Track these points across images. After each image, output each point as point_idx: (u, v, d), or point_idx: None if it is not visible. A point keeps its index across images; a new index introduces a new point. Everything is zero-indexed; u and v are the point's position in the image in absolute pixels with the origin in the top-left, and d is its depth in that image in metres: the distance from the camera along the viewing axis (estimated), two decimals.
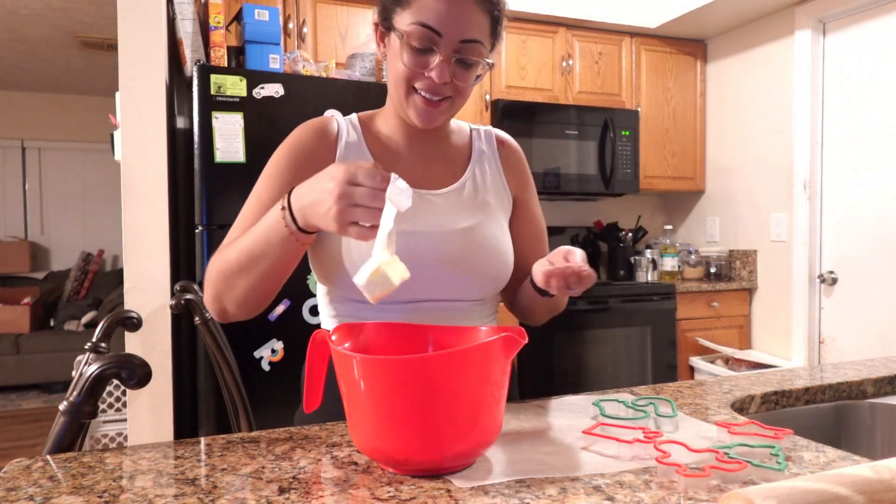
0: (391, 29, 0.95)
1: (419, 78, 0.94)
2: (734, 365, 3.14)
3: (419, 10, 0.91)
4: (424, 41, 0.92)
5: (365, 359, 0.67)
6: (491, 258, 1.02)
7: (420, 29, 0.91)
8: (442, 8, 0.91)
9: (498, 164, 1.12)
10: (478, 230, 1.02)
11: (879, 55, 2.80)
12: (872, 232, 2.83)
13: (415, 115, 0.97)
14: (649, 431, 0.78)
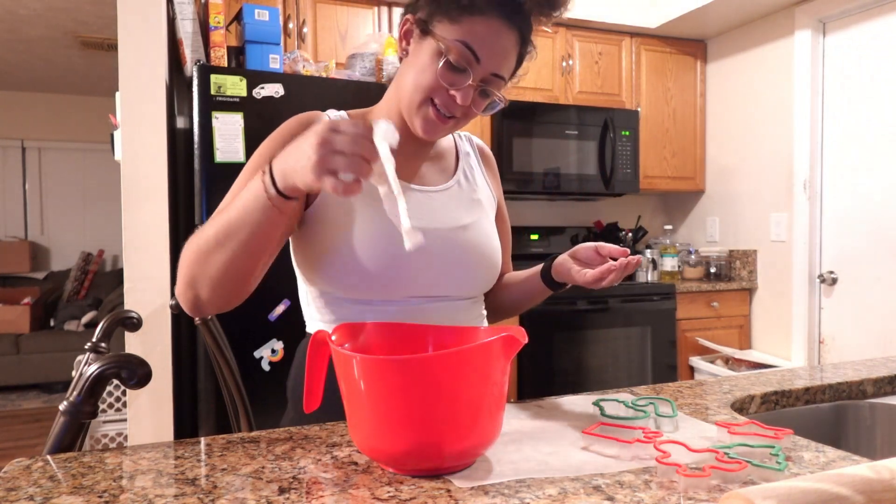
0: (429, 34, 0.93)
1: (440, 92, 0.94)
2: (734, 365, 3.14)
3: (468, 30, 0.91)
4: (462, 61, 0.92)
5: (365, 359, 0.67)
6: (487, 254, 1.04)
7: (464, 49, 0.91)
8: (489, 37, 0.92)
9: (481, 166, 1.15)
10: (476, 227, 1.04)
11: (879, 55, 2.80)
12: (872, 232, 2.83)
13: (420, 125, 0.97)
14: (649, 431, 0.78)
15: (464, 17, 0.91)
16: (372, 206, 0.95)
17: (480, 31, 0.91)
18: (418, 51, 0.96)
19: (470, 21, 0.91)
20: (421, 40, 0.95)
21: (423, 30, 0.94)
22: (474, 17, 0.91)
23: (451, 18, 0.92)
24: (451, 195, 1.05)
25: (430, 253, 0.97)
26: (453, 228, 1.01)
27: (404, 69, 0.99)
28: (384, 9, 2.91)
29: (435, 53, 0.92)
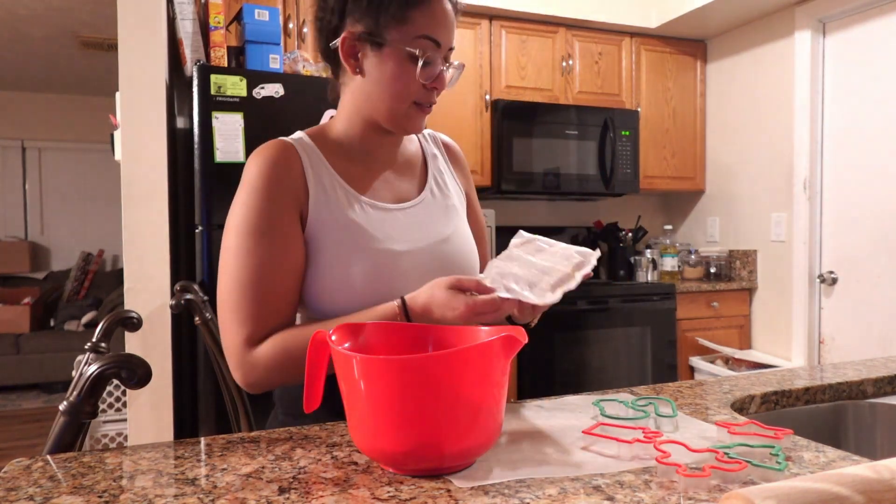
0: (383, 45, 0.92)
1: (421, 90, 0.95)
2: (734, 365, 3.14)
3: (421, 22, 0.92)
4: (431, 56, 0.93)
5: (365, 359, 0.67)
6: (470, 260, 1.06)
7: (428, 43, 0.92)
8: (439, 18, 0.93)
9: (448, 165, 1.14)
10: (456, 236, 1.05)
11: (879, 55, 2.80)
12: (872, 232, 2.83)
13: (411, 125, 0.98)
14: (649, 431, 0.78)
15: (409, 13, 0.91)
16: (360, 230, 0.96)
17: (430, 16, 0.92)
18: (378, 64, 0.94)
19: (416, 12, 0.91)
20: (375, 53, 0.94)
21: (375, 43, 0.93)
22: (417, 8, 0.91)
23: (399, 20, 0.91)
24: (427, 207, 1.05)
25: (417, 270, 0.98)
26: (436, 242, 1.02)
27: (369, 84, 0.96)
28: None
29: (402, 59, 0.92)
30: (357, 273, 0.93)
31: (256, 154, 0.97)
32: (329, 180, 0.97)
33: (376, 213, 0.98)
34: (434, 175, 1.10)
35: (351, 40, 0.94)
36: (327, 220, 0.95)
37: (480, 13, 3.09)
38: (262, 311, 0.90)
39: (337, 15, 0.95)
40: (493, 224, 3.04)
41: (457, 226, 1.06)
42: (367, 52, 0.94)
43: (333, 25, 0.96)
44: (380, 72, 0.94)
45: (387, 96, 0.95)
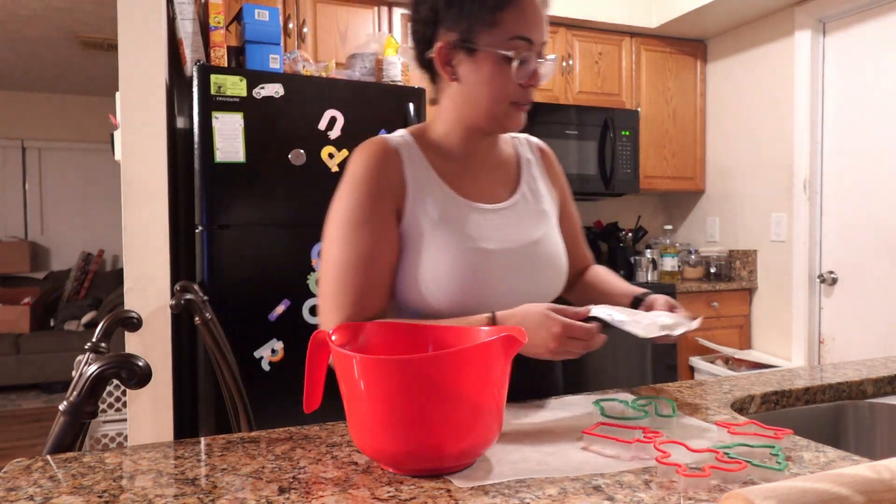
0: (476, 50, 0.95)
1: (519, 90, 0.98)
2: (734, 365, 3.14)
3: (511, 23, 0.93)
4: (524, 53, 0.95)
5: (365, 359, 0.67)
6: (557, 267, 1.07)
7: (521, 43, 0.94)
8: (529, 16, 0.95)
9: (542, 171, 1.16)
10: (546, 241, 1.07)
11: (879, 55, 2.80)
12: (872, 232, 2.83)
13: (512, 124, 1.01)
14: (649, 431, 0.78)
15: (499, 16, 0.93)
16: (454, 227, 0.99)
17: (520, 16, 0.94)
18: (473, 69, 0.97)
19: (506, 14, 0.93)
20: (470, 59, 0.96)
21: (468, 49, 0.96)
22: (506, 10, 0.93)
23: (489, 23, 0.94)
24: (519, 210, 1.07)
25: (507, 269, 1.00)
26: (527, 244, 1.04)
27: (467, 89, 0.99)
28: (384, 9, 2.91)
29: (497, 62, 0.95)
30: (448, 268, 0.96)
31: (360, 150, 1.01)
32: (427, 179, 1.01)
33: (470, 213, 1.01)
34: (527, 179, 1.12)
35: (445, 49, 0.97)
36: (423, 217, 0.98)
37: None
38: (359, 299, 0.94)
39: (430, 25, 0.98)
40: None
41: (547, 231, 1.08)
42: (462, 59, 0.97)
43: (427, 36, 0.99)
44: (476, 77, 0.97)
45: (485, 99, 0.98)
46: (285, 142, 2.20)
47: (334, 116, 2.25)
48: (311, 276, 2.24)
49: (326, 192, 2.30)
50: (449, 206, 1.00)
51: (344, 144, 2.27)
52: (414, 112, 2.35)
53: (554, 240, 1.09)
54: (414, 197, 0.99)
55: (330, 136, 2.26)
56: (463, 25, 0.94)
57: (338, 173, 2.27)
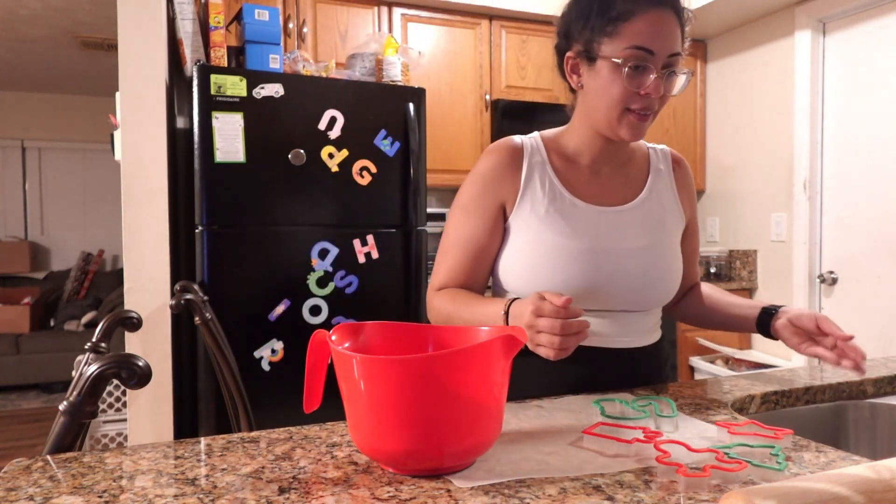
0: (596, 59, 1.00)
1: (633, 98, 0.99)
2: (734, 365, 3.14)
3: (631, 35, 0.97)
4: (640, 62, 0.97)
5: (365, 359, 0.67)
6: (664, 277, 1.09)
7: (636, 52, 0.97)
8: (652, 29, 0.97)
9: (673, 185, 1.17)
10: (655, 249, 1.09)
11: (879, 55, 2.80)
12: (872, 232, 2.83)
13: (626, 133, 1.03)
14: (649, 431, 0.78)
15: (619, 27, 0.97)
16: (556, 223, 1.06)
17: (640, 28, 0.97)
18: (594, 76, 1.02)
19: (626, 26, 0.97)
20: (591, 67, 1.02)
21: (590, 58, 1.01)
22: (627, 21, 0.97)
23: (609, 35, 0.98)
24: (634, 216, 1.10)
25: (607, 272, 1.04)
26: (630, 250, 1.07)
27: (589, 96, 1.05)
28: (384, 9, 2.91)
29: (612, 70, 0.99)
30: (543, 259, 1.04)
31: (490, 148, 1.12)
32: (541, 174, 1.09)
33: (577, 212, 1.07)
34: (651, 188, 1.14)
35: (572, 59, 1.05)
36: (531, 212, 1.07)
37: (480, 13, 3.09)
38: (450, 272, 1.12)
39: (564, 38, 1.06)
40: None
41: (659, 240, 1.10)
42: (585, 68, 1.03)
43: (563, 48, 1.07)
44: (595, 84, 1.02)
45: (601, 106, 1.02)
46: (285, 142, 2.20)
47: (334, 116, 2.25)
48: (310, 276, 2.24)
49: (326, 192, 2.32)
50: (557, 203, 1.07)
51: (344, 144, 2.27)
52: (414, 112, 2.36)
53: (664, 250, 1.10)
54: (525, 193, 1.08)
55: (330, 136, 2.26)
56: (587, 36, 1.01)
57: (338, 173, 2.27)
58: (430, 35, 3.00)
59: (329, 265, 2.26)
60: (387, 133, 2.33)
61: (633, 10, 0.96)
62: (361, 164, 2.30)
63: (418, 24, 2.98)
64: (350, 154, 2.28)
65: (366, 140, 2.31)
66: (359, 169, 2.30)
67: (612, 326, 1.08)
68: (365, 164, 2.30)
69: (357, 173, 2.30)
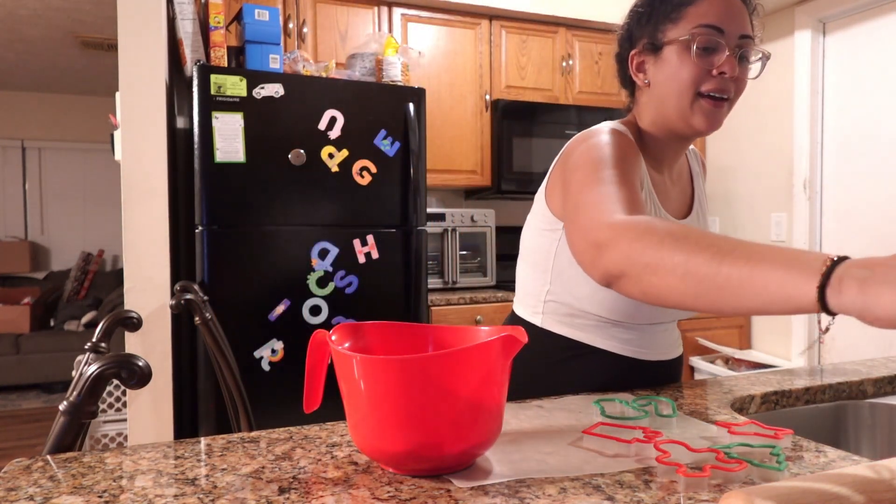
0: (662, 47, 0.97)
1: (706, 80, 0.94)
2: (734, 365, 3.14)
3: (697, 16, 0.93)
4: (710, 42, 0.93)
5: (365, 359, 0.67)
6: None
7: (704, 30, 0.93)
8: (720, 8, 0.93)
9: (703, 185, 1.18)
10: None
11: (879, 55, 2.80)
12: (872, 232, 2.83)
13: (701, 121, 0.96)
14: (649, 431, 0.78)
15: (684, 10, 0.94)
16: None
17: (705, 9, 0.93)
18: (661, 66, 0.98)
19: (691, 9, 0.94)
20: (658, 58, 0.98)
21: (655, 48, 0.98)
22: (692, 4, 0.94)
23: (674, 20, 0.95)
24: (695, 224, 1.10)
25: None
26: None
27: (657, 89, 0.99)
28: (384, 9, 2.91)
29: (681, 52, 0.94)
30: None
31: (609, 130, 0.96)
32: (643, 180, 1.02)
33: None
34: (698, 194, 1.14)
35: (637, 57, 1.01)
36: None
37: (480, 13, 3.09)
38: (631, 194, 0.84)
39: (626, 42, 1.03)
40: (492, 224, 3.04)
41: None
42: (651, 62, 0.99)
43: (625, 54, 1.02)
44: (663, 74, 0.98)
45: (671, 93, 0.96)
46: (285, 142, 2.20)
47: (334, 116, 2.26)
48: (310, 276, 2.24)
49: (326, 192, 2.32)
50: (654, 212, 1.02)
51: (344, 144, 2.27)
52: (414, 112, 2.36)
53: None
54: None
55: (330, 136, 2.26)
56: (651, 27, 0.98)
57: (338, 173, 2.27)
58: (430, 35, 3.00)
59: (329, 265, 2.26)
60: (387, 133, 2.33)
61: None
62: (361, 164, 2.30)
63: (418, 24, 2.98)
64: (350, 154, 2.28)
65: (366, 140, 2.31)
66: (359, 169, 2.30)
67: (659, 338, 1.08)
68: (365, 164, 2.31)
69: (357, 173, 2.30)
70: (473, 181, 3.08)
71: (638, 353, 1.07)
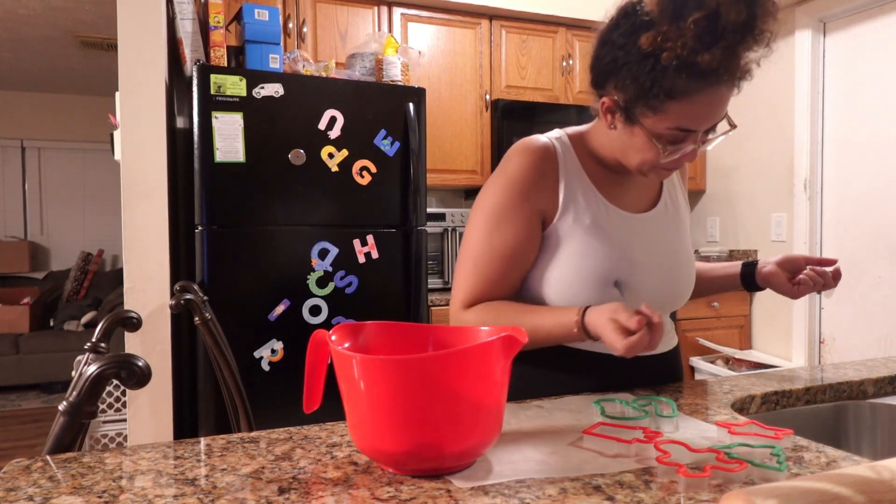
0: (635, 122, 0.94)
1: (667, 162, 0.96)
2: (734, 365, 3.14)
3: (677, 116, 0.90)
4: (681, 137, 0.92)
5: (365, 359, 0.67)
6: (689, 278, 1.11)
7: (679, 133, 0.92)
8: (702, 110, 0.89)
9: (679, 181, 1.18)
10: (682, 252, 1.10)
11: (879, 55, 2.80)
12: (872, 232, 2.83)
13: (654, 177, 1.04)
14: (649, 431, 0.78)
15: (666, 104, 0.89)
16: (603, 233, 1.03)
17: (688, 111, 0.89)
18: (627, 133, 0.96)
19: (675, 105, 0.89)
20: (628, 123, 0.95)
21: (628, 118, 0.94)
22: (677, 99, 0.88)
23: (654, 109, 0.90)
24: (660, 219, 1.10)
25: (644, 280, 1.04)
26: (664, 256, 1.07)
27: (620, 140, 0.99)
28: (384, 9, 2.91)
29: (648, 139, 0.94)
30: (591, 272, 1.01)
31: (521, 150, 1.03)
32: (579, 183, 1.04)
33: (619, 220, 1.05)
34: (668, 188, 1.14)
35: (609, 105, 0.96)
36: (573, 220, 1.02)
37: (480, 13, 3.09)
38: (488, 288, 1.02)
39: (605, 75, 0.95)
40: None
41: (682, 241, 1.11)
42: (620, 119, 0.96)
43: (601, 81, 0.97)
44: (629, 140, 0.97)
45: (631, 157, 0.98)
46: (285, 142, 2.20)
47: (334, 116, 2.25)
48: (310, 276, 2.24)
49: (326, 192, 2.32)
50: (601, 213, 1.04)
51: (344, 144, 2.27)
52: (414, 112, 2.36)
53: (687, 251, 1.12)
54: (566, 201, 1.03)
55: (330, 136, 2.26)
56: (631, 98, 0.92)
57: (338, 173, 2.27)
58: (430, 35, 3.00)
59: (329, 265, 2.26)
60: (387, 133, 2.33)
61: (688, 91, 0.87)
62: (361, 164, 2.30)
63: (418, 23, 2.98)
64: (350, 154, 2.28)
65: (366, 140, 2.31)
66: (359, 169, 2.30)
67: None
68: (365, 164, 2.30)
69: (357, 173, 2.30)
70: (473, 181, 3.08)
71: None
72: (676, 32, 0.84)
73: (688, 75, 0.85)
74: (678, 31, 0.84)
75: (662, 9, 0.85)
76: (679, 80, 0.86)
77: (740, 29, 0.83)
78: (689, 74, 0.85)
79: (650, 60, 0.87)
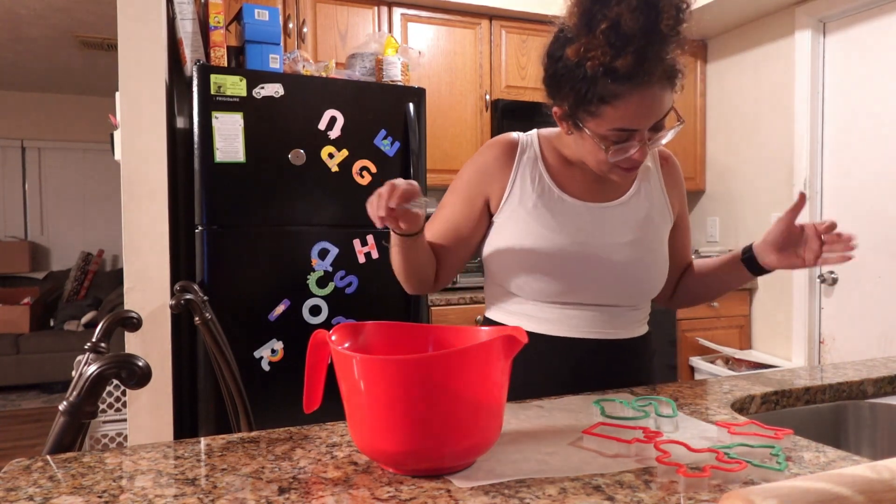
0: (580, 128, 0.99)
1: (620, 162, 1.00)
2: (734, 365, 3.14)
3: (613, 118, 0.94)
4: (623, 137, 0.96)
5: (365, 359, 0.67)
6: (649, 272, 1.11)
7: (619, 133, 0.96)
8: (636, 110, 0.94)
9: (661, 182, 1.18)
10: (640, 244, 1.10)
11: (879, 55, 2.80)
12: (872, 232, 2.83)
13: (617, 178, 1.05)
14: (649, 431, 0.78)
15: (601, 108, 0.94)
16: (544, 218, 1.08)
17: (622, 112, 0.94)
18: (580, 136, 1.02)
19: (609, 109, 0.94)
20: (576, 130, 1.02)
21: (574, 124, 1.01)
22: (611, 103, 0.93)
23: (592, 114, 0.96)
24: (621, 212, 1.11)
25: (593, 266, 1.07)
26: (616, 245, 1.08)
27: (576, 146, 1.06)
28: (384, 9, 2.91)
29: (595, 143, 0.99)
30: (529, 251, 1.07)
31: (490, 142, 1.16)
32: (533, 172, 1.11)
33: (565, 207, 1.10)
34: (641, 185, 1.15)
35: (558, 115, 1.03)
36: (518, 203, 1.10)
37: (480, 13, 3.09)
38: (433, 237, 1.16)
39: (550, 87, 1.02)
40: None
41: (644, 236, 1.11)
42: (571, 127, 1.03)
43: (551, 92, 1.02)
44: (581, 145, 1.03)
45: (588, 162, 1.05)
46: (285, 142, 2.20)
47: (334, 116, 2.26)
48: (310, 276, 2.24)
49: (326, 192, 2.32)
50: (545, 198, 1.10)
51: (344, 144, 2.27)
52: (414, 112, 2.36)
53: (649, 246, 1.11)
54: (514, 188, 1.11)
55: (330, 136, 2.26)
56: (571, 102, 0.98)
57: (338, 173, 2.27)
58: (430, 35, 3.00)
59: (329, 265, 2.26)
60: (387, 133, 2.33)
61: (617, 94, 0.92)
62: (361, 164, 2.30)
63: (418, 23, 2.98)
64: (350, 154, 2.28)
65: (366, 140, 2.31)
66: (359, 169, 2.30)
67: (599, 319, 1.10)
68: (365, 164, 2.30)
69: (357, 173, 2.30)
70: None
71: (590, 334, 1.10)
72: (594, 42, 0.90)
73: (612, 80, 0.91)
74: (595, 40, 0.90)
75: (576, 22, 0.92)
76: (607, 85, 0.92)
77: (643, 34, 0.88)
78: (613, 79, 0.91)
79: (581, 70, 0.93)
